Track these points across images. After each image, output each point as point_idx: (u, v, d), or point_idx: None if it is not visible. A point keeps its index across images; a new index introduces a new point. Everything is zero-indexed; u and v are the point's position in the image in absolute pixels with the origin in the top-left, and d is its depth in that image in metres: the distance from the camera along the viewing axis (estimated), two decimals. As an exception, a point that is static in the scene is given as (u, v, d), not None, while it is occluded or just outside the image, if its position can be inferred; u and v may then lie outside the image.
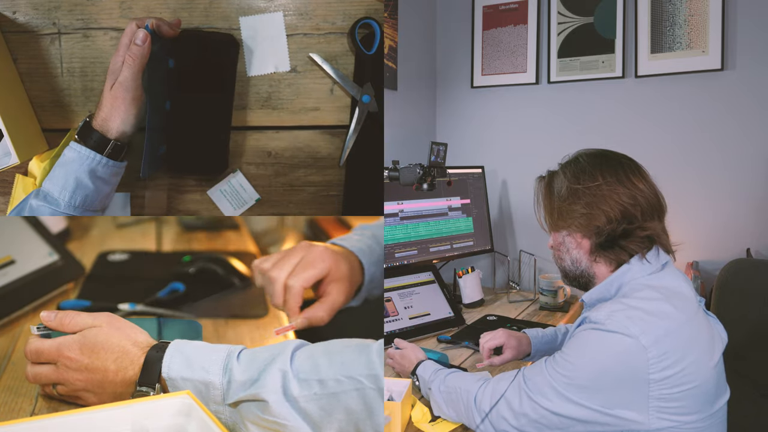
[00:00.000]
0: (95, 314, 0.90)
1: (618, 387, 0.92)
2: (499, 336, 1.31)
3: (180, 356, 0.83)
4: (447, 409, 1.11)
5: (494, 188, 2.30)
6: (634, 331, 0.91)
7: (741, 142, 1.87)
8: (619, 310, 0.95)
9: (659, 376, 0.91)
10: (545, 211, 1.13)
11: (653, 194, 1.04)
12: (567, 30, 2.12)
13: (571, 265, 1.10)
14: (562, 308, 1.89)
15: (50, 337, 0.90)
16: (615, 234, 1.02)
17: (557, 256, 1.13)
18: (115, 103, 1.00)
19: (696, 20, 1.90)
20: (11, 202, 1.13)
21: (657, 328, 0.92)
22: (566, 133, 2.15)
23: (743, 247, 1.84)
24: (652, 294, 0.98)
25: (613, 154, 1.09)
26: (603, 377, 0.93)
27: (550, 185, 1.12)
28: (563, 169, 1.10)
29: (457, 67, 2.37)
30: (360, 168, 1.17)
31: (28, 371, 0.90)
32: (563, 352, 0.98)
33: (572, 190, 1.05)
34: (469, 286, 1.94)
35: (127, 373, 0.84)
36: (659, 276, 1.02)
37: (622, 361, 0.92)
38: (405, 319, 1.65)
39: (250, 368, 0.81)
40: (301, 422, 0.78)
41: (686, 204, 1.93)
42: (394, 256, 1.80)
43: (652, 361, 0.91)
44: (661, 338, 0.92)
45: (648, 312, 0.94)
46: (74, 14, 1.13)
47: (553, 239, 1.13)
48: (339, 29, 1.16)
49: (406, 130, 2.20)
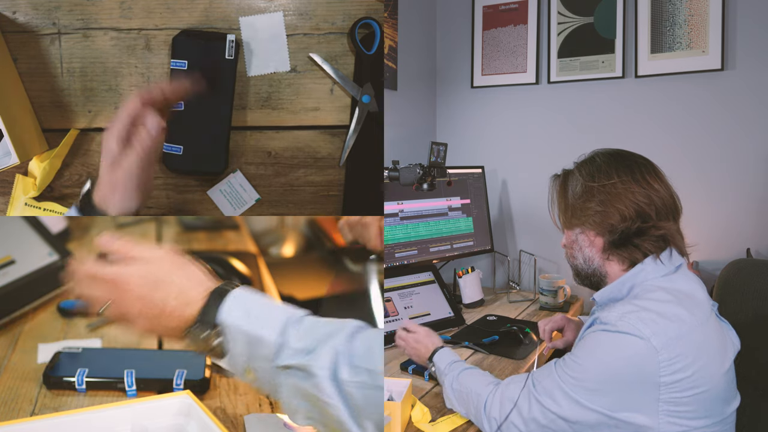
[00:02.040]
0: (158, 248, 0.87)
1: (628, 390, 0.92)
2: (558, 320, 1.39)
3: (240, 306, 0.81)
4: (458, 406, 1.12)
5: (494, 188, 2.30)
6: (645, 333, 0.90)
7: (741, 142, 1.87)
8: (631, 312, 0.94)
9: (670, 380, 0.90)
10: (559, 209, 1.13)
11: (669, 195, 1.04)
12: (567, 30, 2.12)
13: (583, 263, 1.10)
14: (562, 308, 1.89)
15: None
16: (629, 232, 1.01)
17: (569, 254, 1.13)
18: (116, 188, 0.93)
19: (696, 20, 1.90)
20: (11, 202, 1.13)
21: (669, 331, 0.91)
22: (566, 133, 2.15)
23: (743, 247, 1.84)
24: (665, 296, 0.97)
25: (629, 153, 1.09)
26: (613, 379, 0.92)
27: (565, 183, 1.11)
28: (579, 167, 1.10)
29: (457, 67, 2.37)
30: (360, 168, 1.17)
31: (81, 291, 0.86)
32: (573, 354, 0.98)
33: (587, 187, 1.05)
34: (469, 286, 1.94)
35: (185, 311, 0.81)
36: (672, 278, 1.01)
37: (633, 363, 0.91)
38: (405, 319, 1.65)
39: (307, 338, 0.79)
40: (343, 405, 0.76)
41: (686, 204, 1.91)
42: (394, 256, 1.80)
43: (663, 363, 0.90)
44: (672, 341, 0.91)
45: (660, 314, 0.93)
46: (74, 14, 1.13)
47: (566, 237, 1.13)
48: (339, 29, 1.16)
49: (406, 130, 2.20)
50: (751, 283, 1.51)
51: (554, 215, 1.15)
